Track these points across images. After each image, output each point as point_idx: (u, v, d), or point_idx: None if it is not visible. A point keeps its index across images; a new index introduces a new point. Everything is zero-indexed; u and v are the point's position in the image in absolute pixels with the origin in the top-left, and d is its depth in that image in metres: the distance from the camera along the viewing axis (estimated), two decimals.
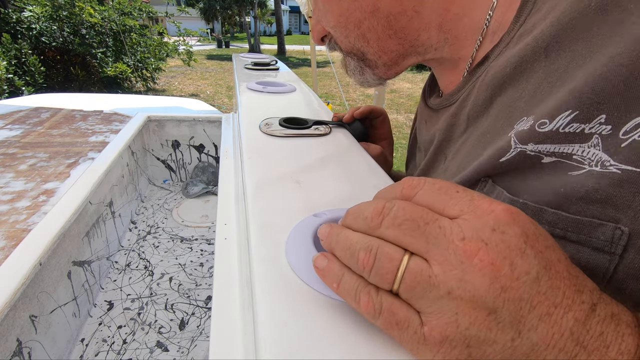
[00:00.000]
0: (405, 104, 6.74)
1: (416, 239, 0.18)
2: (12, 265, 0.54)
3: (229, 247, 0.40)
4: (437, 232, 0.18)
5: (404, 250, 0.19)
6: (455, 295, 0.17)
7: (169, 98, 1.91)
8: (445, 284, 0.17)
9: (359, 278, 0.20)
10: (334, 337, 0.20)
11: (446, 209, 0.19)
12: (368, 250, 0.19)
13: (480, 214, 0.18)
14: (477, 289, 0.17)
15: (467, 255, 0.17)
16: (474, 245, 0.17)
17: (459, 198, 0.19)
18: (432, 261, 0.18)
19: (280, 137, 0.50)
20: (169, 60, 7.62)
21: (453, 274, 0.17)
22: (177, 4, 9.34)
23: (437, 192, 0.20)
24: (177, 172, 1.33)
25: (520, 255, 0.17)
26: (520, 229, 0.18)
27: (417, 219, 0.19)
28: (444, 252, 0.18)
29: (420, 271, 0.18)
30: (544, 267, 0.17)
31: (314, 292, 0.23)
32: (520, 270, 0.17)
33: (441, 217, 0.19)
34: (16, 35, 5.23)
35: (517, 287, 0.17)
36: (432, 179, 0.21)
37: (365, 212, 0.20)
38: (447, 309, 0.17)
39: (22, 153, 0.93)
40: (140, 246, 0.97)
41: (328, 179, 0.39)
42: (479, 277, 0.17)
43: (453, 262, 0.17)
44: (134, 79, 6.76)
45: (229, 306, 0.31)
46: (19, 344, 0.52)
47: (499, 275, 0.17)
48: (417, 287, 0.18)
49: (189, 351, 0.69)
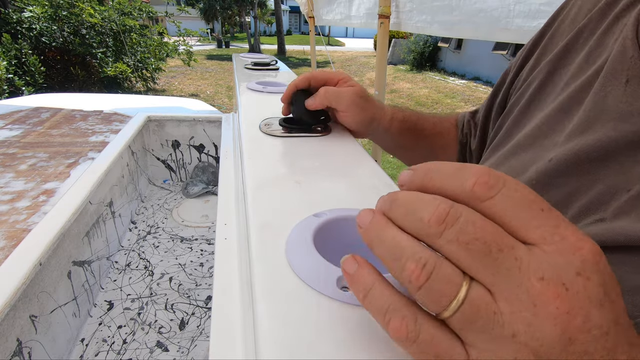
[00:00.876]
0: (405, 104, 6.74)
1: (484, 267, 0.15)
2: (12, 265, 0.54)
3: (229, 247, 0.40)
4: (511, 264, 0.15)
5: (464, 274, 0.16)
6: (520, 340, 0.15)
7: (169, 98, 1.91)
8: (511, 325, 0.15)
9: (392, 294, 0.17)
10: (334, 337, 0.20)
11: (525, 230, 0.16)
12: (421, 263, 0.16)
13: (566, 249, 0.15)
14: (545, 338, 0.15)
15: (543, 299, 0.15)
16: (552, 289, 0.15)
17: (543, 219, 0.16)
18: (498, 296, 0.15)
19: (280, 137, 0.50)
20: (169, 60, 7.62)
21: (522, 316, 0.15)
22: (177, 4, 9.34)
23: (518, 204, 0.16)
24: (177, 172, 1.33)
25: (599, 308, 0.15)
26: (602, 277, 0.15)
27: (490, 243, 0.15)
28: (515, 289, 0.15)
29: (484, 304, 0.15)
30: (615, 322, 0.15)
31: (314, 292, 0.23)
32: (594, 324, 0.15)
33: (518, 244, 0.16)
34: (16, 35, 5.23)
35: (584, 341, 0.15)
36: (512, 180, 0.17)
37: (422, 212, 0.17)
38: (506, 352, 0.15)
39: (22, 153, 0.93)
40: (140, 246, 0.97)
41: (328, 179, 0.39)
42: (551, 326, 0.15)
43: (525, 302, 0.15)
44: (134, 79, 6.76)
45: (229, 306, 0.31)
46: (19, 344, 0.52)
47: (570, 326, 0.15)
48: (479, 322, 0.15)
49: (189, 351, 0.69)
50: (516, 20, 0.98)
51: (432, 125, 0.59)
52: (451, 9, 1.19)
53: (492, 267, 0.15)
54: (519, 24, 0.97)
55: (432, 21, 1.30)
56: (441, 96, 7.55)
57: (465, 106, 6.83)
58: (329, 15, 2.25)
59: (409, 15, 1.40)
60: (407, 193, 0.18)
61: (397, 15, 1.47)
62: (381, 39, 1.51)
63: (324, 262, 0.25)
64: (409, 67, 11.12)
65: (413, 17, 1.38)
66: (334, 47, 19.28)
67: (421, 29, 1.37)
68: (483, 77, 9.40)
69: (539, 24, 0.92)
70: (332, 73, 0.53)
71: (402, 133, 0.57)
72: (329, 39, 21.63)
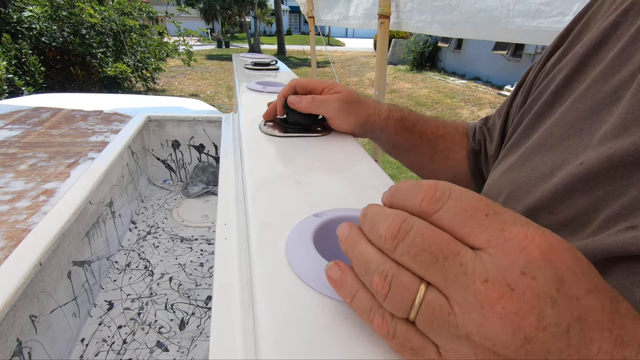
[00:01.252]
0: (405, 104, 6.74)
1: (434, 274, 0.17)
2: (12, 265, 0.54)
3: (229, 247, 0.40)
4: (457, 270, 0.16)
5: (420, 280, 0.17)
6: (474, 340, 0.16)
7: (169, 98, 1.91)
8: (464, 326, 0.16)
9: (373, 297, 0.19)
10: (334, 337, 0.20)
11: (471, 236, 0.17)
12: (383, 275, 0.18)
13: (510, 250, 0.16)
14: (497, 338, 0.15)
15: (489, 301, 0.15)
16: (497, 290, 0.15)
17: (487, 225, 0.17)
18: (451, 299, 0.16)
19: (280, 137, 0.50)
20: (169, 60, 7.62)
21: (472, 317, 0.16)
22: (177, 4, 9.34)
23: (462, 214, 0.17)
24: (177, 172, 1.33)
25: (551, 305, 0.15)
26: (554, 272, 0.15)
27: (436, 252, 0.17)
28: (463, 292, 0.16)
29: (439, 307, 0.17)
30: (577, 318, 0.15)
31: (314, 292, 0.23)
32: (549, 322, 0.15)
33: (464, 249, 0.17)
34: (16, 35, 5.23)
35: (543, 339, 0.15)
36: (458, 191, 0.18)
37: (380, 228, 0.19)
38: (466, 351, 0.16)
39: (22, 153, 0.93)
40: (140, 246, 0.97)
41: (328, 179, 0.39)
42: (500, 325, 0.15)
43: (473, 304, 0.16)
44: (134, 79, 6.76)
45: (229, 306, 0.31)
46: (19, 344, 0.52)
47: (523, 325, 0.15)
48: (435, 322, 0.17)
49: (189, 351, 0.69)
50: (516, 20, 0.98)
51: (434, 128, 0.58)
52: (451, 9, 1.19)
53: (441, 274, 0.16)
54: (518, 24, 0.97)
55: (432, 21, 1.30)
56: (441, 96, 7.55)
57: (465, 106, 6.83)
58: (327, 16, 2.25)
59: (409, 15, 1.40)
60: (374, 208, 0.20)
61: (397, 15, 1.47)
62: (381, 39, 1.51)
63: (324, 262, 0.25)
64: (409, 67, 11.12)
65: (413, 17, 1.38)
66: (334, 47, 19.28)
67: (421, 29, 1.37)
68: (483, 77, 9.40)
69: (538, 23, 0.92)
70: (317, 82, 0.53)
71: (399, 132, 0.56)
72: (329, 39, 21.63)
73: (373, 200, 0.35)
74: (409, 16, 1.41)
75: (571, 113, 0.34)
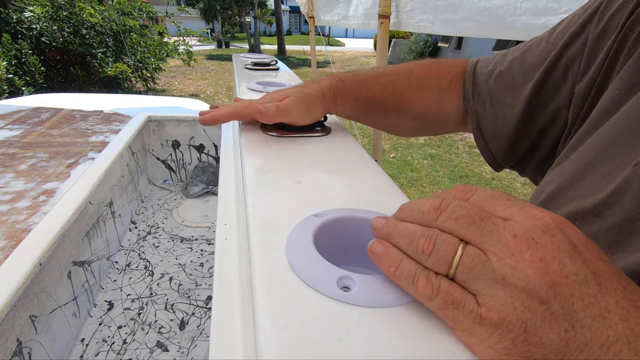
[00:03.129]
0: None
1: (472, 232, 0.20)
2: (12, 265, 0.54)
3: (229, 247, 0.40)
4: (492, 227, 0.20)
5: (460, 240, 0.20)
6: (510, 282, 0.18)
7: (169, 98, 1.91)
8: (500, 270, 0.18)
9: (417, 263, 0.22)
10: (334, 337, 0.20)
11: (498, 211, 0.21)
12: (428, 237, 0.21)
13: (531, 218, 0.19)
14: (529, 278, 0.18)
15: (519, 249, 0.18)
16: (524, 242, 0.18)
17: (510, 205, 0.21)
18: (486, 250, 0.19)
19: (280, 137, 0.50)
20: (169, 60, 7.62)
21: (506, 262, 0.18)
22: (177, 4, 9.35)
23: (489, 198, 0.21)
24: (177, 172, 1.33)
25: (569, 257, 0.18)
26: (567, 237, 0.18)
27: (473, 215, 0.20)
28: (497, 244, 0.19)
29: (477, 256, 0.19)
30: (593, 273, 0.18)
31: (314, 292, 0.23)
32: (569, 270, 0.18)
33: (495, 216, 0.20)
34: (16, 35, 5.22)
35: (567, 284, 0.17)
36: (483, 188, 0.22)
37: (422, 207, 0.22)
38: (503, 293, 0.18)
39: (22, 153, 0.93)
40: (140, 246, 0.97)
41: (328, 179, 0.39)
42: (531, 269, 0.18)
43: (506, 253, 0.19)
44: (134, 79, 6.76)
45: (229, 306, 0.31)
46: (19, 344, 0.52)
47: (548, 270, 0.18)
48: (475, 269, 0.19)
49: (189, 351, 0.69)
50: (522, 18, 0.97)
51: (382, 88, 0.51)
52: (454, 8, 1.19)
53: (478, 231, 0.20)
54: (525, 22, 0.96)
55: (435, 20, 1.29)
56: None
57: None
58: (327, 16, 2.25)
59: (410, 14, 1.40)
60: (409, 202, 0.25)
61: (398, 15, 1.47)
62: (381, 39, 1.51)
63: (324, 262, 0.25)
64: None
65: (414, 16, 1.38)
66: (334, 47, 19.28)
67: (423, 28, 1.36)
68: None
69: (546, 20, 0.91)
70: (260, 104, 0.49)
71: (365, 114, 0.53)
72: (329, 39, 21.63)
73: (373, 200, 0.35)
74: (409, 16, 1.40)
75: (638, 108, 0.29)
